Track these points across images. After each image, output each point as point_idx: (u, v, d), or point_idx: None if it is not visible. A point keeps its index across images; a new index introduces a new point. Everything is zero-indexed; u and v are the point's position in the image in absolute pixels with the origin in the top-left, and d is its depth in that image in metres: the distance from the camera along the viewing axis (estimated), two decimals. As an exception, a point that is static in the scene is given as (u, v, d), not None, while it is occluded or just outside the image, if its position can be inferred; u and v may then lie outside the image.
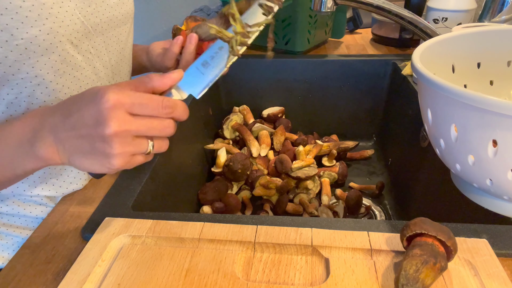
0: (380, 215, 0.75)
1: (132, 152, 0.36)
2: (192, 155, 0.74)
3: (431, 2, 0.85)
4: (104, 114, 0.34)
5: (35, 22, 0.41)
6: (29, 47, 0.42)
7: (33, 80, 0.45)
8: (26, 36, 0.41)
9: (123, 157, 0.36)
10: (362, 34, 1.13)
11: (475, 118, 0.32)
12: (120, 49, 0.58)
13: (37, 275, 0.39)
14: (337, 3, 0.77)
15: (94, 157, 0.36)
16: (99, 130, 0.34)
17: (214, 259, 0.37)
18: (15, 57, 0.42)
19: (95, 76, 0.53)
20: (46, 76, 0.45)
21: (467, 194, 0.41)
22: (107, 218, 0.43)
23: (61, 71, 0.46)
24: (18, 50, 0.41)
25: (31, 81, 0.45)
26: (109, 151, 0.35)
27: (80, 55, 0.49)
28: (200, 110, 0.82)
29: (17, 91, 0.44)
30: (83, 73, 0.50)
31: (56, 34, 0.44)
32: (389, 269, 0.35)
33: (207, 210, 0.71)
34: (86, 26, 0.49)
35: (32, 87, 0.45)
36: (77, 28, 0.47)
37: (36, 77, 0.45)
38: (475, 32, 0.46)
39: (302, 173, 0.75)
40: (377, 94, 0.92)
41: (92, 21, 0.50)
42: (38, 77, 0.45)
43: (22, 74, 0.43)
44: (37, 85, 0.45)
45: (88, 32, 0.49)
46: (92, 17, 0.50)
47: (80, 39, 0.48)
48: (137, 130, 0.35)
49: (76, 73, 0.49)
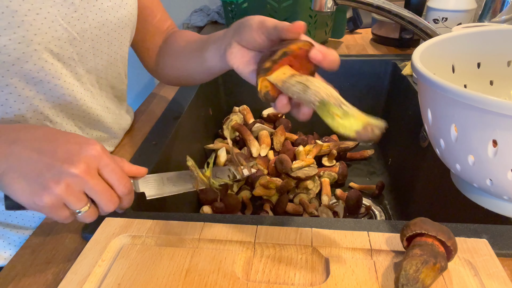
0: (380, 215, 0.75)
1: (67, 202, 0.35)
2: (192, 155, 0.74)
3: (431, 2, 0.85)
4: (82, 157, 0.35)
5: (4, 30, 0.40)
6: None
7: (5, 89, 0.44)
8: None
9: (56, 200, 0.35)
10: (362, 34, 1.13)
11: (475, 118, 0.32)
12: (112, 52, 0.55)
13: (37, 275, 0.39)
14: (337, 3, 0.77)
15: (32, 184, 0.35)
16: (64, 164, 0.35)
17: (214, 259, 0.37)
18: None
19: (76, 81, 0.51)
20: (18, 84, 0.44)
21: (467, 194, 0.41)
22: (107, 218, 0.43)
23: (36, 79, 0.45)
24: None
25: (2, 90, 0.44)
26: (53, 185, 0.34)
27: (60, 63, 0.47)
28: (200, 110, 0.82)
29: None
30: (61, 79, 0.48)
31: (29, 42, 0.42)
32: (389, 269, 0.35)
33: (207, 210, 0.71)
34: (70, 32, 0.47)
35: (4, 96, 0.44)
36: (58, 35, 0.45)
37: (7, 86, 0.43)
38: (475, 32, 0.46)
39: (302, 173, 0.75)
40: (377, 94, 0.92)
41: (79, 27, 0.48)
42: (9, 86, 0.43)
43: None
44: (9, 94, 0.44)
45: (73, 39, 0.47)
46: (78, 22, 0.47)
47: (62, 46, 0.46)
48: (91, 187, 0.36)
49: (54, 79, 0.47)
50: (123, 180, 0.38)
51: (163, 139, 0.61)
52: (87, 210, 0.37)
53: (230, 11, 0.97)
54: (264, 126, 0.87)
